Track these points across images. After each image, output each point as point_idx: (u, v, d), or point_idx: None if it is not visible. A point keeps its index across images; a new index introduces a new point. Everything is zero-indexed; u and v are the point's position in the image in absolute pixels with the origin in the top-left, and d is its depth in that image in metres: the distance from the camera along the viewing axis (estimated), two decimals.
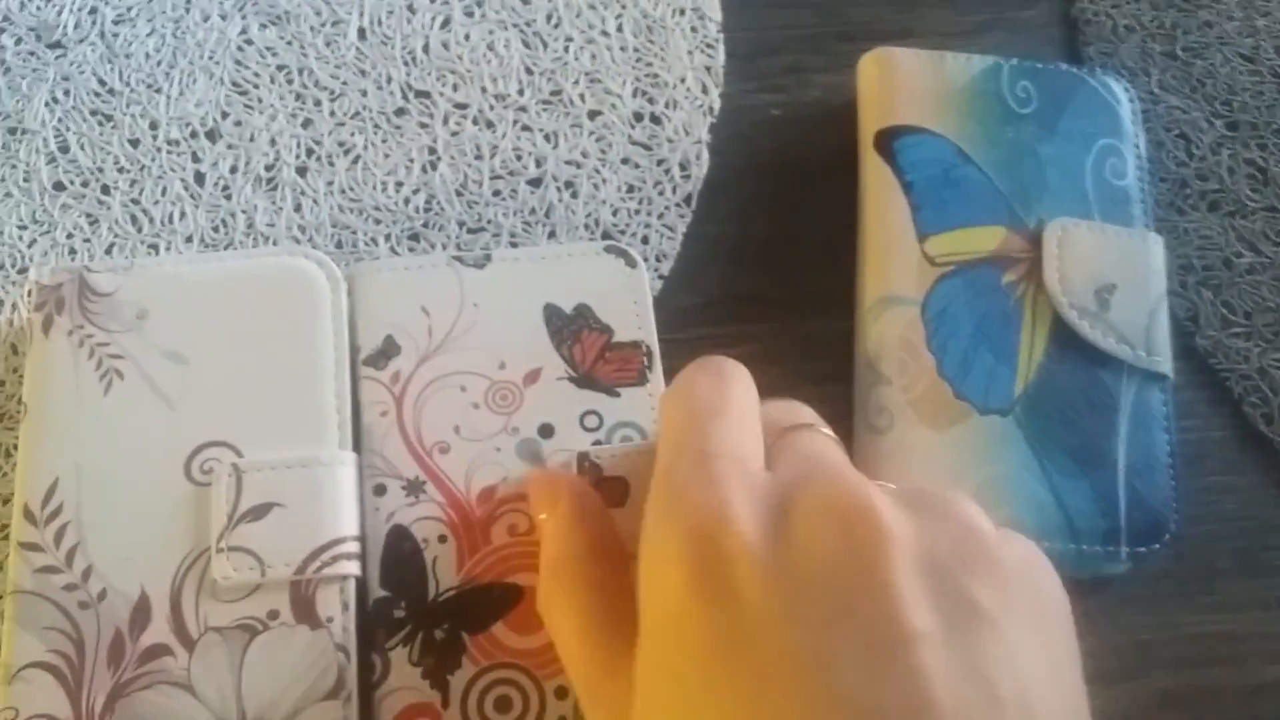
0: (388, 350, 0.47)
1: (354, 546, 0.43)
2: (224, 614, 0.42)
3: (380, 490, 0.45)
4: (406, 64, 0.57)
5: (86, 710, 0.41)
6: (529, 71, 0.57)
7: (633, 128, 0.56)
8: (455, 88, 0.56)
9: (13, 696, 0.41)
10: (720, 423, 0.36)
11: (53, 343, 0.46)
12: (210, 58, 0.56)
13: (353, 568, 0.43)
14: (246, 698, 0.41)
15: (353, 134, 0.55)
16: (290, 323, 0.47)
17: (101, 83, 0.56)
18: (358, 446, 0.45)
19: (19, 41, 0.56)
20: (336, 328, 0.47)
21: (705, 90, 0.57)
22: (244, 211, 0.53)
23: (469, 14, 0.58)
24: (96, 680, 0.41)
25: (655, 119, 0.56)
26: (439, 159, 0.55)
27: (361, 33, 0.57)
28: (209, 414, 0.45)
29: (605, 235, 0.54)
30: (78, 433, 0.45)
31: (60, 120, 0.55)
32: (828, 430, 0.39)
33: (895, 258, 0.50)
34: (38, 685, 0.41)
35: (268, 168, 0.54)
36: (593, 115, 0.56)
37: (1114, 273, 0.50)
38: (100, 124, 0.55)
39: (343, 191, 0.54)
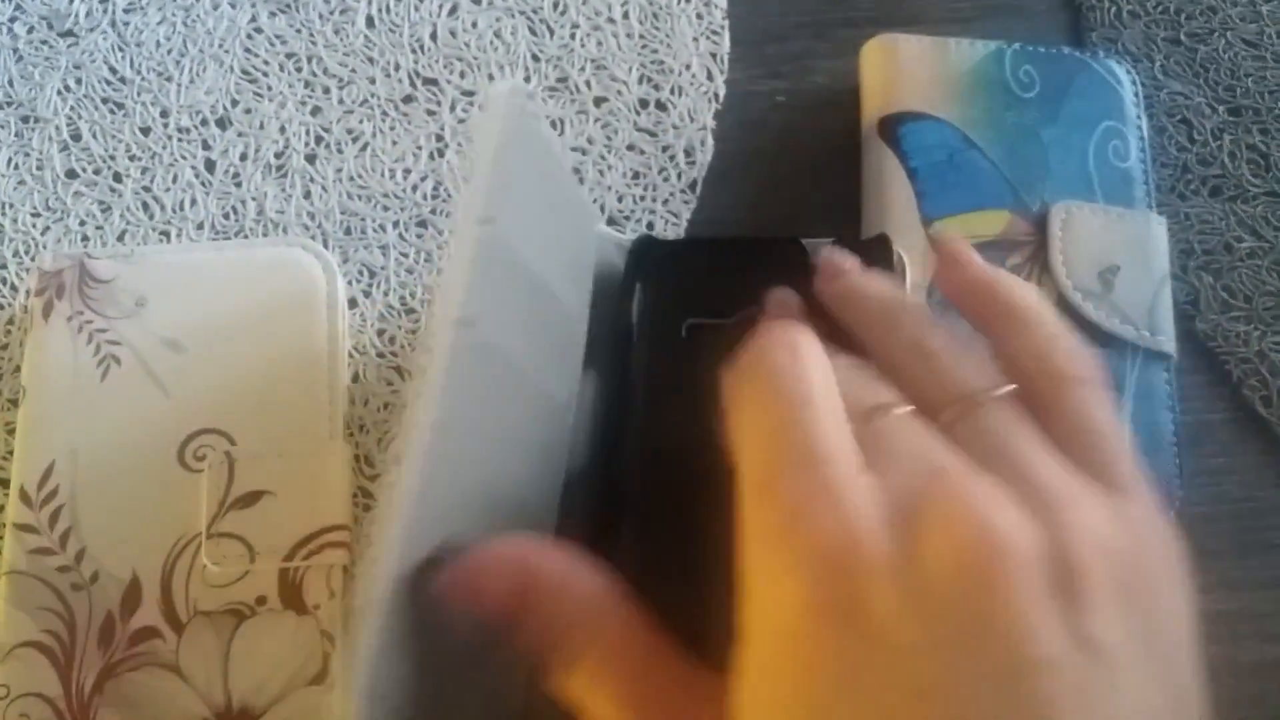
0: None
1: (342, 535, 0.42)
2: (213, 599, 0.41)
3: None
4: (414, 51, 0.54)
5: (77, 689, 0.40)
6: (535, 58, 0.54)
7: (638, 114, 0.53)
8: (463, 75, 0.54)
9: (5, 674, 0.41)
10: (815, 413, 0.30)
11: (52, 328, 0.45)
12: (220, 46, 0.54)
13: (340, 556, 0.42)
14: (233, 681, 0.40)
15: (361, 121, 0.53)
16: (286, 313, 0.45)
17: (113, 71, 0.53)
18: None
19: (31, 30, 0.54)
20: (331, 318, 0.45)
21: (710, 77, 0.54)
22: (254, 199, 0.51)
23: (476, 1, 0.55)
24: (87, 660, 0.41)
25: (660, 105, 0.53)
26: (446, 146, 0.52)
27: (370, 20, 0.55)
28: (203, 402, 0.44)
29: (610, 221, 0.51)
30: (74, 417, 0.43)
31: (72, 108, 0.53)
32: (905, 406, 0.33)
33: (901, 243, 0.47)
34: (30, 664, 0.41)
35: (277, 155, 0.52)
36: (598, 102, 0.53)
37: (1117, 254, 0.48)
38: (112, 112, 0.53)
39: (351, 179, 0.52)
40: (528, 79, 0.53)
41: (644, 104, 0.53)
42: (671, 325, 0.43)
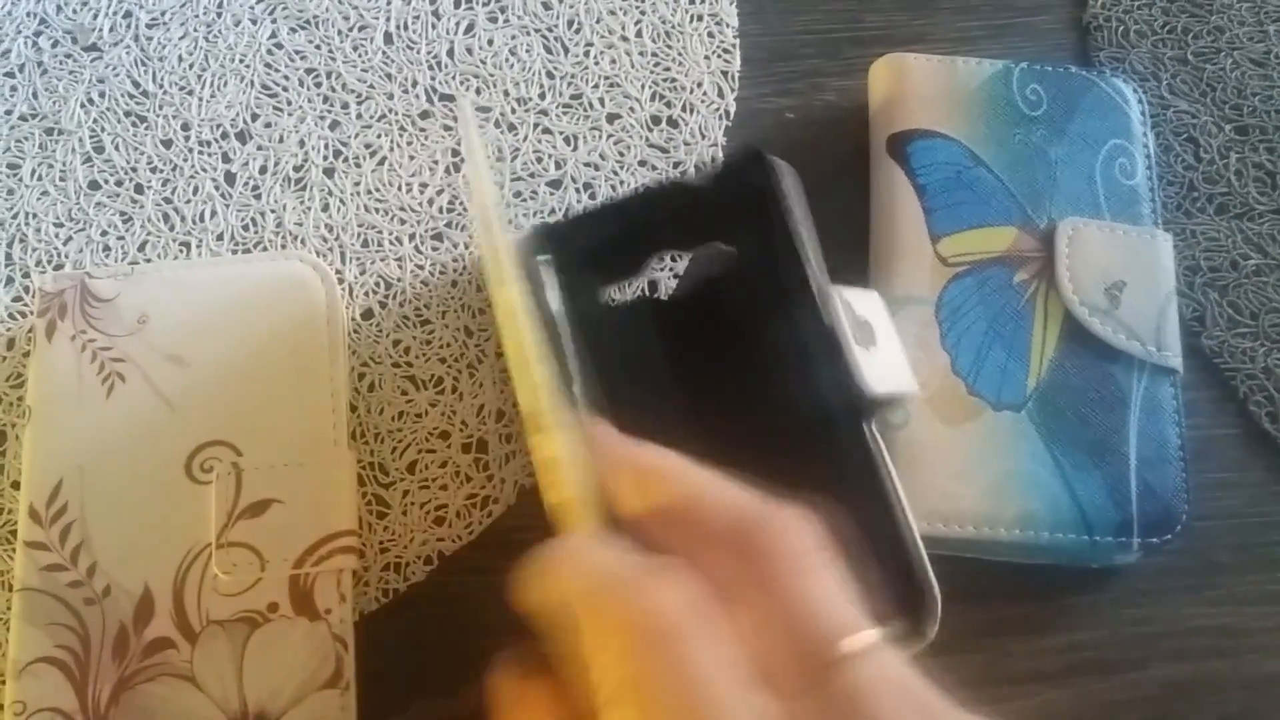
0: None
1: (350, 540, 0.42)
2: (225, 607, 0.41)
3: None
4: (431, 68, 0.53)
5: (92, 703, 0.40)
6: (550, 76, 0.53)
7: (650, 131, 0.53)
8: (478, 91, 0.53)
9: (21, 691, 0.40)
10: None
11: (56, 348, 0.44)
12: (241, 61, 0.53)
13: (349, 561, 0.42)
14: (248, 688, 0.40)
15: (379, 136, 0.52)
16: (285, 324, 0.45)
17: (135, 85, 0.53)
18: None
19: (55, 44, 0.54)
20: (331, 327, 0.45)
21: (721, 94, 0.53)
22: (273, 211, 0.51)
23: (493, 19, 0.54)
24: (102, 673, 0.40)
25: (672, 122, 0.53)
26: (462, 161, 0.52)
27: (388, 37, 0.54)
28: (208, 415, 0.44)
29: None
30: (81, 435, 0.43)
31: (95, 121, 0.52)
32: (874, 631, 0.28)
33: (909, 259, 0.47)
34: (45, 679, 0.40)
35: (296, 169, 0.52)
36: (611, 119, 0.53)
37: (1124, 270, 0.47)
38: (134, 125, 0.52)
39: (369, 192, 0.51)
40: (542, 95, 0.53)
41: (656, 121, 0.53)
42: (592, 299, 0.42)
